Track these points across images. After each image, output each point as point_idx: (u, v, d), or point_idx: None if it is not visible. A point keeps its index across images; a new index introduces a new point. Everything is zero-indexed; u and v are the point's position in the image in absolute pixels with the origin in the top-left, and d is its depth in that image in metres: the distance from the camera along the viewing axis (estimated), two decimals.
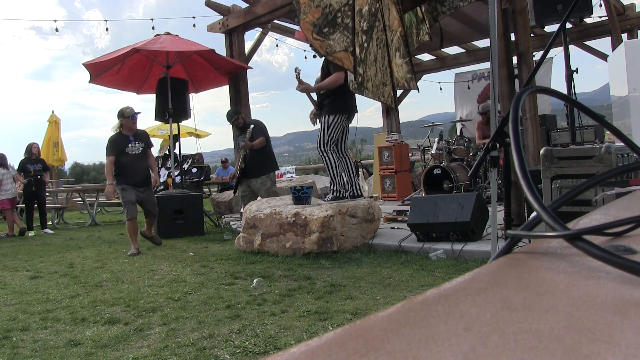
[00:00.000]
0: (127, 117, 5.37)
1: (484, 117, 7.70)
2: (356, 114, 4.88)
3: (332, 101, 4.66)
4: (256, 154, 5.79)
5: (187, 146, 31.57)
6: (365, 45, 3.74)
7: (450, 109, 12.07)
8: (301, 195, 4.80)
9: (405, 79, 3.98)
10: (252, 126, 5.72)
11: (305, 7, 3.29)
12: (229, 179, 6.94)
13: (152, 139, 6.03)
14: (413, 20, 3.74)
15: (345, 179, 5.02)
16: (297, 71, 4.70)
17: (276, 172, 6.28)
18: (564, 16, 1.52)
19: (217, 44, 8.32)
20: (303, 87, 4.74)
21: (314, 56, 5.12)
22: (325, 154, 4.66)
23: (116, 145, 5.34)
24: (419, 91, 5.19)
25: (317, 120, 4.86)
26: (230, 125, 6.34)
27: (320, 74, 4.78)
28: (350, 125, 4.92)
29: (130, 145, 5.39)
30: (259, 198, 5.64)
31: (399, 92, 11.19)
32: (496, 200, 2.78)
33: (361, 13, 3.65)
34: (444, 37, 3.87)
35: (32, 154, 8.07)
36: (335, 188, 4.73)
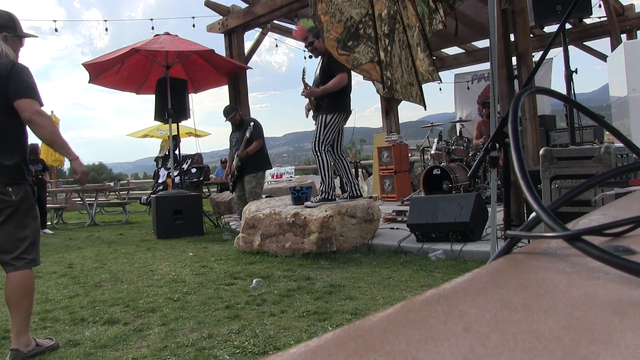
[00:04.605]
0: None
1: (486, 111, 7.66)
2: (351, 114, 4.89)
3: (330, 101, 4.66)
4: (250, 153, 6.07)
5: (187, 146, 31.63)
6: (389, 48, 3.72)
7: (450, 110, 12.08)
8: (300, 195, 4.80)
9: (428, 71, 3.96)
10: (249, 132, 5.94)
11: (327, 24, 3.27)
12: (225, 177, 7.05)
13: (152, 140, 5.97)
14: (425, 11, 3.73)
15: (344, 181, 5.02)
16: (304, 72, 4.67)
17: (270, 172, 6.41)
18: (564, 17, 1.52)
19: (217, 44, 8.33)
20: (309, 92, 4.70)
21: (310, 56, 5.12)
22: (319, 154, 4.66)
23: None
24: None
25: (313, 113, 4.86)
26: (228, 122, 6.42)
27: (319, 73, 4.77)
28: (346, 126, 4.93)
29: None
30: (263, 197, 5.70)
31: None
32: (495, 201, 2.78)
33: (381, 17, 3.63)
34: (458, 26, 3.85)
35: (32, 154, 8.08)
36: (324, 189, 4.73)
